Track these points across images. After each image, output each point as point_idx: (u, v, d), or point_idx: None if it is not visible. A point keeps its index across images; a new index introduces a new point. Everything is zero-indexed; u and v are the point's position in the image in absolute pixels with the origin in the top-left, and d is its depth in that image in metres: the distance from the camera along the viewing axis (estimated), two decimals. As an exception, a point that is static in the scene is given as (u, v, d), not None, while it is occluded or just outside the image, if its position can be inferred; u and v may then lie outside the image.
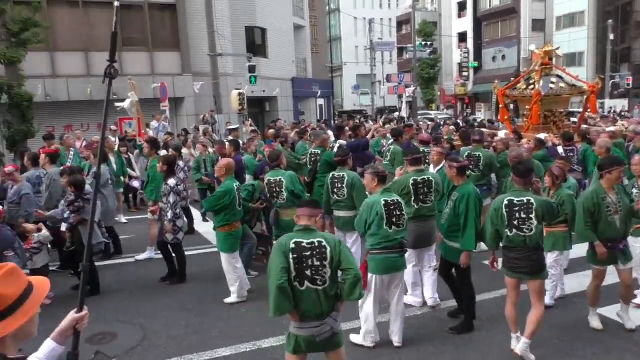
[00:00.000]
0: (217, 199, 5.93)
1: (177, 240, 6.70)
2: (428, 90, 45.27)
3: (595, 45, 40.62)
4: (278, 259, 3.26)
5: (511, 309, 4.60)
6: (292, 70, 30.41)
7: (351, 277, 3.26)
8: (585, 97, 12.13)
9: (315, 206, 3.50)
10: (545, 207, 4.34)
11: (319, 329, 3.29)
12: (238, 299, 6.06)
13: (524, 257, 4.34)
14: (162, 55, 20.77)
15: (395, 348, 4.81)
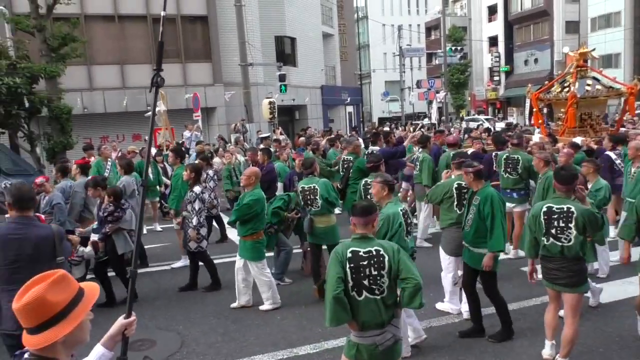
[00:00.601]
0: (248, 208, 5.88)
1: (201, 248, 6.74)
2: (458, 95, 44.79)
3: (633, 46, 39.44)
4: (334, 269, 3.19)
5: (551, 316, 4.42)
6: (322, 79, 30.55)
7: (411, 287, 3.14)
8: (624, 99, 11.80)
9: (369, 212, 3.30)
10: (588, 217, 4.08)
11: (381, 337, 3.20)
12: (273, 305, 6.06)
13: (562, 268, 4.14)
14: (194, 67, 21.19)
15: (432, 358, 4.73)
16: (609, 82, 11.98)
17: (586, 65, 11.73)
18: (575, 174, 4.30)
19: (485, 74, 49.05)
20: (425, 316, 5.57)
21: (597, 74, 12.14)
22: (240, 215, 5.94)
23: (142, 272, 7.72)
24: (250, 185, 6.04)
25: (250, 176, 6.06)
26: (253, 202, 5.89)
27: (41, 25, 13.27)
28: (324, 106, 30.59)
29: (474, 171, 4.93)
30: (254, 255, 5.99)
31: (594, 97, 11.33)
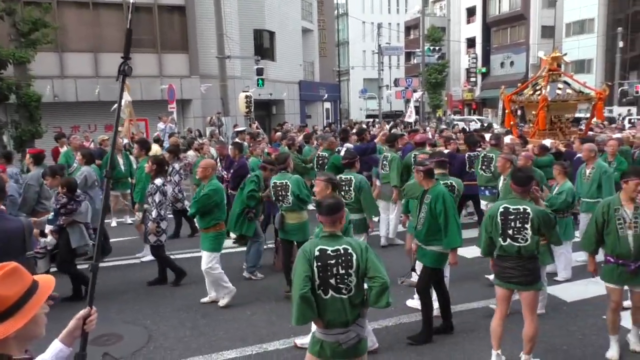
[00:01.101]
0: (207, 198, 5.81)
1: (160, 242, 6.61)
2: (435, 95, 45.17)
3: (605, 52, 40.43)
4: (302, 267, 3.16)
5: (497, 323, 4.36)
6: (300, 74, 30.46)
7: (378, 286, 3.11)
8: (593, 104, 12.05)
9: (336, 210, 3.26)
10: (542, 217, 4.12)
11: (345, 336, 3.19)
12: (229, 297, 5.98)
13: (518, 267, 4.16)
14: (170, 57, 20.88)
15: (402, 353, 4.76)
16: (579, 86, 12.22)
17: (558, 69, 11.94)
18: (531, 176, 4.31)
19: (462, 74, 49.66)
20: (395, 313, 5.60)
21: (568, 78, 12.38)
22: (200, 206, 5.85)
23: (110, 266, 7.59)
24: (207, 178, 5.94)
25: (207, 168, 5.97)
26: (212, 192, 5.82)
27: (10, 8, 12.88)
28: (301, 102, 30.54)
29: (424, 170, 4.95)
30: (212, 246, 5.89)
31: (564, 100, 11.53)
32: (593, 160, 7.07)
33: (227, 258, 7.84)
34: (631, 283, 4.39)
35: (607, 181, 6.86)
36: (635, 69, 39.79)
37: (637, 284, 4.37)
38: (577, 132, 12.15)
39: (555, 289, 6.33)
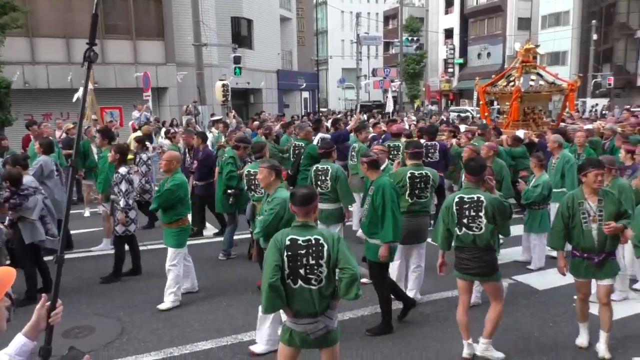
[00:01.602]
0: (170, 194, 5.57)
1: (129, 232, 6.47)
2: (413, 85, 45.41)
3: (579, 45, 41.08)
4: (272, 257, 3.16)
5: (462, 314, 4.39)
6: (278, 63, 30.23)
7: (347, 277, 3.09)
8: (565, 95, 12.21)
9: (309, 201, 3.24)
10: (497, 205, 4.13)
11: (313, 327, 3.21)
12: (174, 303, 5.63)
13: (474, 258, 4.20)
14: (145, 44, 20.47)
15: (377, 342, 4.79)
16: (551, 78, 12.39)
17: (531, 61, 12.05)
18: (484, 165, 4.36)
19: (440, 65, 49.93)
20: (371, 302, 5.62)
21: (541, 70, 12.53)
22: (162, 201, 5.62)
23: (82, 257, 7.46)
24: (171, 171, 5.70)
25: (171, 160, 5.73)
26: (175, 187, 5.59)
27: (-22, -9, 12.44)
28: (279, 91, 30.35)
29: (367, 161, 4.94)
30: (176, 242, 5.67)
31: (537, 92, 11.67)
32: (558, 150, 7.20)
33: (200, 248, 7.80)
34: (597, 276, 4.39)
35: (570, 171, 6.96)
36: (608, 61, 40.57)
37: (603, 277, 4.37)
38: (550, 123, 12.33)
39: (527, 277, 6.44)
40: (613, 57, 40.33)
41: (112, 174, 6.71)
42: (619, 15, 39.77)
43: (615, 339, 4.64)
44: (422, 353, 4.61)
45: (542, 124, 11.84)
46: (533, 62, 12.13)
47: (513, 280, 6.41)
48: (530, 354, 4.58)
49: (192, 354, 4.66)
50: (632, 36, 38.52)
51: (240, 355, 4.61)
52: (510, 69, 12.87)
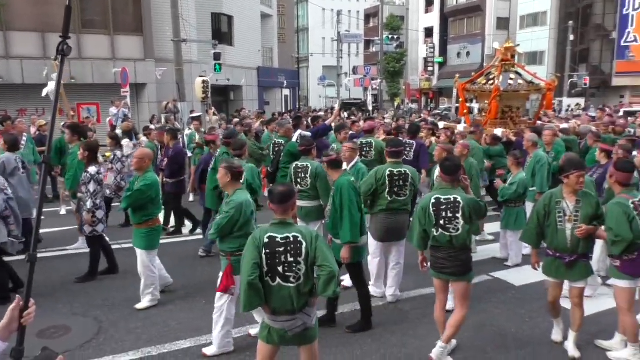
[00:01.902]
0: (141, 194, 5.41)
1: (96, 232, 6.30)
2: (393, 84, 45.62)
3: (557, 45, 41.77)
4: (250, 255, 3.14)
5: (440, 313, 4.42)
6: (258, 60, 30.07)
7: (326, 274, 3.11)
8: (542, 94, 12.36)
9: (288, 199, 3.24)
10: (473, 205, 4.13)
11: (291, 324, 3.22)
12: (151, 302, 5.58)
13: (450, 258, 4.18)
14: (123, 40, 20.12)
15: (357, 339, 4.81)
16: (530, 77, 12.55)
17: (510, 60, 12.17)
18: (459, 165, 4.29)
19: (420, 64, 50.27)
20: (350, 300, 5.65)
21: (520, 69, 12.68)
22: (133, 201, 5.45)
23: (59, 255, 7.33)
24: (142, 169, 5.52)
25: (143, 158, 5.54)
26: (146, 187, 5.42)
27: (-51, -17, 12.09)
28: (259, 88, 30.19)
29: (327, 161, 4.95)
30: (145, 243, 5.51)
31: (515, 91, 11.80)
32: (533, 149, 7.27)
33: (178, 246, 7.74)
34: (569, 277, 4.42)
35: (540, 171, 7.02)
36: (584, 61, 41.34)
37: (574, 278, 4.39)
38: (527, 122, 12.48)
39: (504, 274, 6.53)
40: (589, 58, 41.11)
41: (81, 171, 6.54)
42: (595, 16, 40.54)
43: (590, 334, 4.74)
44: (401, 350, 4.64)
45: (519, 122, 11.98)
46: (512, 61, 12.28)
47: (490, 276, 6.50)
48: (507, 350, 4.65)
49: (171, 353, 4.62)
50: (608, 37, 39.33)
51: (219, 354, 4.58)
52: (489, 67, 12.98)
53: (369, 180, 5.46)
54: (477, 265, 6.82)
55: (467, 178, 4.40)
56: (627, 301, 4.23)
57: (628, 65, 37.28)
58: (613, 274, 4.31)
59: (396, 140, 5.97)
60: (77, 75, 18.60)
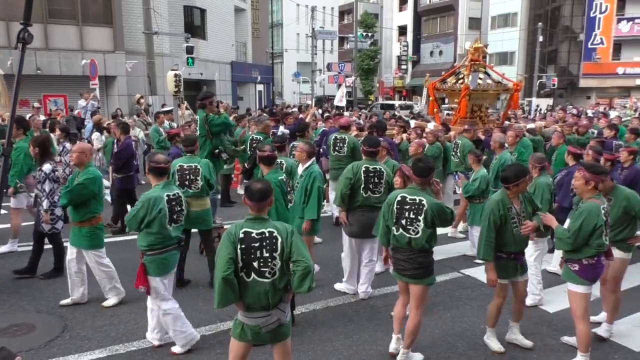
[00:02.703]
0: (82, 189, 5.10)
1: (56, 230, 6.05)
2: (367, 81, 45.84)
3: (526, 46, 42.63)
4: (226, 250, 3.09)
5: (399, 310, 4.43)
6: (232, 54, 29.80)
7: (301, 270, 3.08)
8: (510, 94, 12.49)
9: (266, 197, 3.21)
10: (437, 210, 4.05)
11: (265, 320, 3.18)
12: (118, 298, 5.44)
13: (409, 260, 4.14)
14: (92, 31, 19.67)
15: (329, 335, 4.80)
16: (498, 77, 12.74)
17: (479, 60, 12.30)
18: (432, 167, 4.22)
19: (394, 62, 50.63)
20: (323, 297, 5.66)
21: (489, 69, 12.84)
22: (73, 197, 5.12)
23: (23, 251, 7.09)
24: (82, 164, 5.23)
25: (83, 152, 5.25)
26: (88, 181, 5.14)
27: None
28: (233, 83, 29.94)
29: (260, 156, 4.98)
30: (91, 242, 5.23)
31: (484, 90, 11.94)
32: (500, 150, 7.31)
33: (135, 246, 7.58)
34: (520, 273, 4.49)
35: None
36: (552, 62, 42.33)
37: (523, 273, 4.52)
38: (495, 122, 12.62)
39: (474, 271, 6.62)
40: (557, 59, 42.13)
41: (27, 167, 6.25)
42: (564, 18, 41.55)
43: (557, 330, 4.84)
44: (372, 346, 4.65)
45: (488, 121, 12.10)
46: (481, 62, 12.44)
47: (461, 273, 6.59)
48: (477, 345, 4.71)
49: (140, 351, 4.53)
50: (575, 39, 40.35)
51: (189, 351, 4.51)
52: (459, 66, 13.10)
53: (347, 174, 5.47)
54: (447, 262, 6.97)
55: (439, 182, 4.38)
56: (582, 307, 4.16)
57: (594, 67, 38.36)
58: (570, 278, 4.21)
59: (373, 139, 5.93)
60: (43, 67, 18.10)
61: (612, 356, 4.58)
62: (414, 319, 4.21)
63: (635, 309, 5.50)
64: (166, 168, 4.48)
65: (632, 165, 6.40)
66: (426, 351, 4.53)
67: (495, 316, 4.63)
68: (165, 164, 4.47)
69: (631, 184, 5.56)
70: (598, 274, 4.21)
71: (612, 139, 9.13)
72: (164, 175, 4.45)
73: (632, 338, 4.89)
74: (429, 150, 8.64)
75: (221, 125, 7.67)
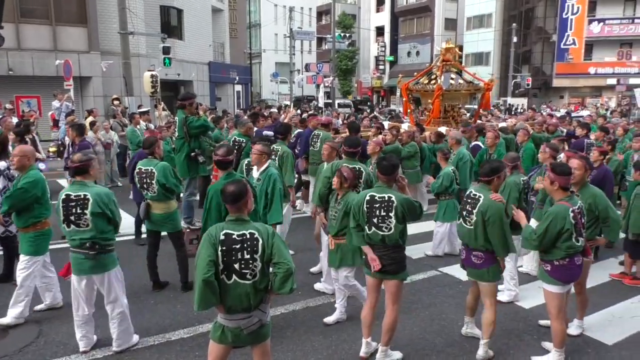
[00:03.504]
0: (24, 193, 4.84)
1: (10, 233, 5.79)
2: (346, 82, 46.02)
3: (501, 46, 43.30)
4: (206, 252, 3.07)
5: (367, 312, 4.39)
6: (209, 55, 29.58)
7: (282, 272, 3.09)
8: (482, 94, 12.66)
9: (239, 198, 3.18)
10: (407, 206, 4.09)
11: (247, 321, 3.17)
12: (16, 320, 4.96)
13: (383, 256, 4.14)
14: (66, 30, 19.31)
15: (308, 336, 4.81)
16: (470, 77, 12.90)
17: (451, 60, 12.40)
18: (396, 164, 4.25)
19: (372, 62, 50.92)
20: (302, 297, 5.67)
21: (461, 69, 12.96)
22: (14, 202, 4.87)
23: None
24: (25, 168, 4.96)
25: (24, 155, 4.97)
26: (29, 185, 4.88)
27: None
28: (211, 83, 29.72)
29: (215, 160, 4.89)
30: (32, 249, 4.96)
31: (457, 90, 12.08)
32: (456, 146, 7.48)
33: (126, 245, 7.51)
34: None
35: (462, 168, 7.25)
36: (526, 62, 43.09)
37: None
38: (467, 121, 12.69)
39: (451, 269, 6.69)
40: (531, 59, 42.91)
41: None
42: (537, 19, 42.33)
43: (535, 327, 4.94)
44: (352, 346, 4.68)
45: (460, 121, 12.18)
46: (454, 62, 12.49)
47: (439, 271, 6.67)
48: (455, 342, 4.78)
49: (116, 355, 4.48)
50: (548, 40, 41.14)
51: (167, 355, 4.48)
52: (431, 67, 13.20)
53: (326, 173, 5.49)
54: (426, 261, 7.05)
55: (404, 178, 4.37)
56: (555, 306, 4.19)
57: (567, 67, 39.18)
58: (543, 277, 4.26)
59: (354, 139, 5.94)
60: (15, 67, 17.73)
61: (586, 350, 4.69)
62: (390, 315, 4.23)
63: (606, 304, 5.65)
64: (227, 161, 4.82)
65: (602, 165, 6.55)
66: (405, 349, 4.57)
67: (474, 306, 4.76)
68: (225, 156, 4.80)
69: (600, 185, 5.56)
70: (573, 275, 4.19)
71: (583, 138, 9.32)
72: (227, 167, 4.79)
73: (605, 332, 5.01)
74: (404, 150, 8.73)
75: (200, 128, 7.65)
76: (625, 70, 37.70)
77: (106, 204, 4.31)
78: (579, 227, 4.06)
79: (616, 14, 38.46)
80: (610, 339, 4.90)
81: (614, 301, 5.75)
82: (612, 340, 4.87)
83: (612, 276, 6.47)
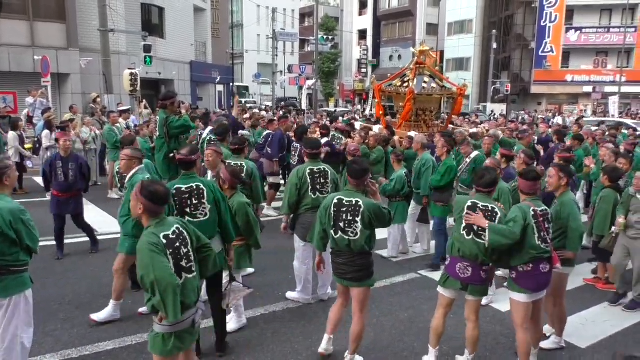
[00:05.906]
0: None
1: None
2: (328, 84, 46.11)
3: (481, 52, 43.88)
4: (160, 261, 2.95)
5: (336, 311, 4.38)
6: (191, 54, 29.38)
7: (212, 253, 3.44)
8: (454, 98, 12.55)
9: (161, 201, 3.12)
10: (374, 211, 4.01)
11: (197, 313, 3.25)
12: None
13: (349, 263, 4.09)
14: (44, 26, 18.95)
15: (288, 337, 4.81)
16: (443, 82, 12.86)
17: (424, 63, 12.32)
18: (366, 168, 4.16)
19: (354, 65, 51.13)
20: (282, 298, 5.66)
21: (434, 72, 12.82)
22: None
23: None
24: None
25: None
26: None
27: None
28: (192, 83, 29.51)
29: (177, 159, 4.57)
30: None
31: (429, 94, 12.05)
32: (421, 151, 7.30)
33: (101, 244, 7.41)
34: None
35: (425, 173, 7.01)
36: (506, 69, 43.75)
37: None
38: (439, 126, 12.58)
39: (430, 272, 6.76)
40: (510, 66, 43.60)
41: None
42: (516, 26, 43.05)
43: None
44: (332, 346, 4.69)
45: (432, 125, 12.18)
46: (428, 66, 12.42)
47: (419, 274, 6.72)
48: (433, 343, 4.82)
49: (93, 355, 4.42)
50: (527, 47, 41.85)
51: (145, 354, 4.43)
52: (404, 69, 13.05)
53: (292, 180, 5.44)
54: (405, 264, 7.11)
55: (374, 183, 4.30)
56: (520, 316, 4.09)
57: (545, 74, 39.88)
58: (509, 285, 4.18)
59: (314, 141, 5.91)
60: (-6, 62, 17.35)
61: (560, 353, 4.78)
62: (358, 323, 4.16)
63: (579, 308, 5.76)
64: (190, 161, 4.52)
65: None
66: (384, 351, 4.61)
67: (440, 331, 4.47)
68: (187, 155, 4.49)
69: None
70: (540, 283, 4.09)
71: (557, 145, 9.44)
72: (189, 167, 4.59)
73: (579, 336, 5.10)
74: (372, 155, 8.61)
75: (180, 128, 7.55)
76: (601, 78, 38.51)
77: (9, 223, 3.58)
78: (541, 229, 4.01)
79: (593, 23, 39.29)
80: (584, 342, 4.99)
81: (587, 305, 5.88)
82: (586, 344, 4.96)
83: (585, 281, 6.61)
